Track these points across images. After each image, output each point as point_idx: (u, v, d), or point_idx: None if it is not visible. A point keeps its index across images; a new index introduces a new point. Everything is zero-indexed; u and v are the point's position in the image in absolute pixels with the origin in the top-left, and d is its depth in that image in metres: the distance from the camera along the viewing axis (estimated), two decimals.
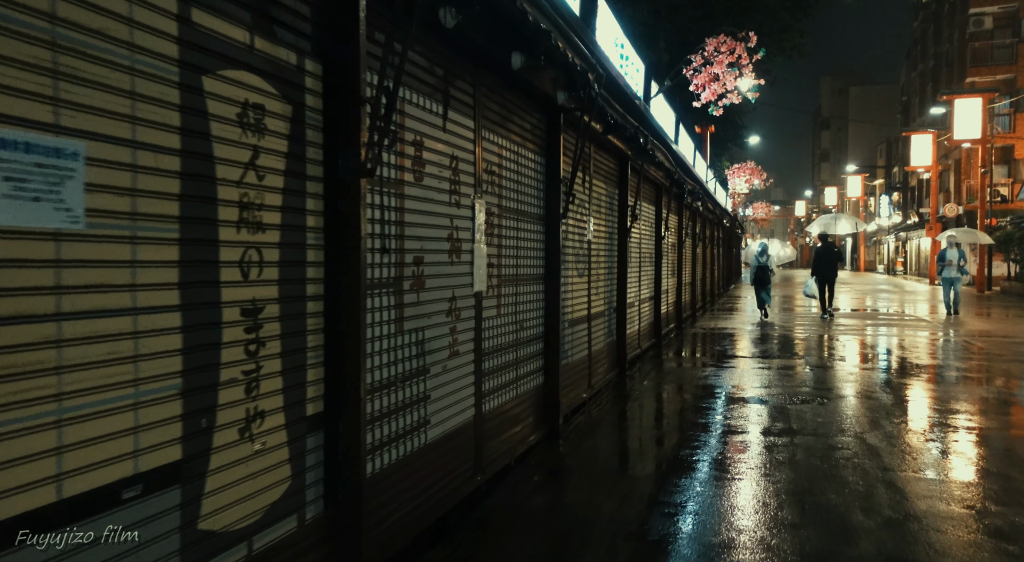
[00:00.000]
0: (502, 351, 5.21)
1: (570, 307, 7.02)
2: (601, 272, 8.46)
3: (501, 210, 5.19)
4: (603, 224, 8.52)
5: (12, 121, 1.75)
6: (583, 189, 7.47)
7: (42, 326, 1.83)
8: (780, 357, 10.73)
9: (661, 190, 12.34)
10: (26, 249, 1.79)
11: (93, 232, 1.96)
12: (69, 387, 1.90)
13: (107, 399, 2.01)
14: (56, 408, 1.87)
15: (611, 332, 9.01)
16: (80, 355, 1.93)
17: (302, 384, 2.92)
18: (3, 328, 1.75)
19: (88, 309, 1.96)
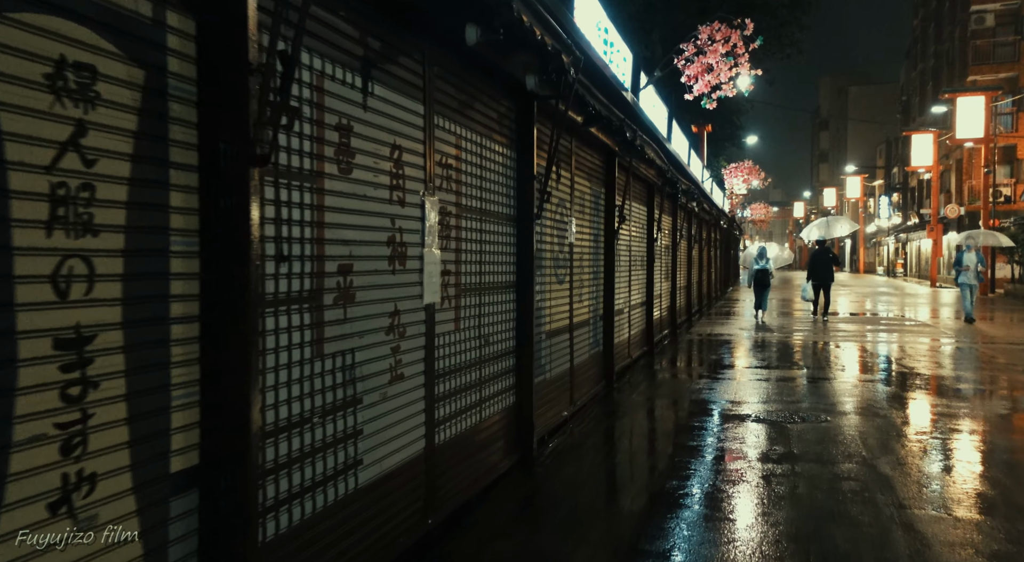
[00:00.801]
0: (462, 370, 4.55)
1: (548, 317, 6.36)
2: (585, 277, 7.81)
3: (461, 210, 4.54)
4: (587, 225, 7.87)
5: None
6: (563, 187, 6.81)
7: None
8: (779, 367, 10.08)
9: (653, 189, 11.69)
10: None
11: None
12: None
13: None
14: None
15: (597, 342, 8.36)
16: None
17: (164, 432, 2.26)
18: None
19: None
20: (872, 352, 11.99)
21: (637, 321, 10.89)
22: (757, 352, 11.73)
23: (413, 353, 3.86)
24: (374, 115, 3.47)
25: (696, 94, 9.00)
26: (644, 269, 11.48)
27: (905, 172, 50.97)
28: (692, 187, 14.80)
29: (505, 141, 5.32)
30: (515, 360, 5.57)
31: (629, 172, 8.97)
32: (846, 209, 72.45)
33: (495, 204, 5.13)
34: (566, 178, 6.91)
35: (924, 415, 7.20)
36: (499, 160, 5.22)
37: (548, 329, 6.39)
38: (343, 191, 3.21)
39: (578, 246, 7.45)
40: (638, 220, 10.89)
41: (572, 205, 7.17)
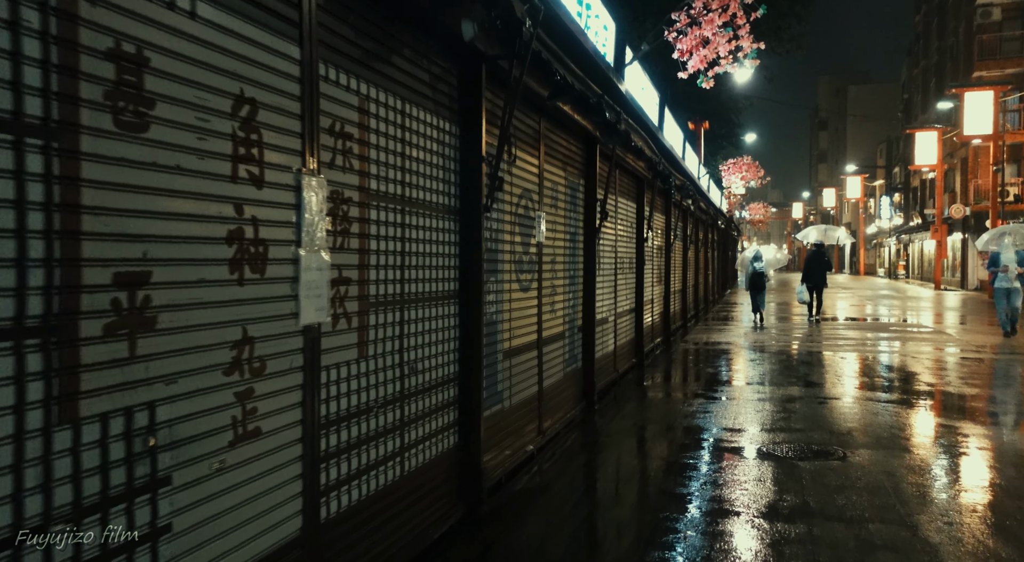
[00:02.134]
0: (371, 412, 3.40)
1: (507, 332, 5.22)
2: (559, 283, 6.67)
3: (370, 197, 3.39)
4: (562, 222, 6.73)
5: None
6: (528, 175, 5.67)
7: None
8: (783, 383, 8.94)
9: (643, 184, 10.55)
10: None
11: None
12: None
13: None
14: None
15: (574, 358, 7.21)
16: None
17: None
18: None
19: None
20: (886, 366, 10.86)
21: (624, 330, 9.74)
22: (758, 364, 10.58)
23: (279, 397, 2.72)
24: (201, 49, 2.33)
25: (691, 71, 7.85)
26: (633, 272, 10.34)
27: (907, 172, 49.92)
28: (687, 183, 13.67)
29: (443, 111, 4.18)
30: (458, 390, 4.42)
31: (613, 162, 7.84)
32: (846, 210, 71.37)
33: (427, 191, 3.99)
34: (532, 164, 5.77)
35: (965, 453, 6.06)
36: (433, 136, 4.08)
37: (507, 347, 5.25)
38: (127, 158, 2.06)
39: (549, 246, 6.32)
40: (626, 218, 9.75)
41: (542, 198, 6.03)
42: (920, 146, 35.53)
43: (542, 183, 6.03)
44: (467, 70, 4.37)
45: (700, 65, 7.73)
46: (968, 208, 33.49)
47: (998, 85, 28.29)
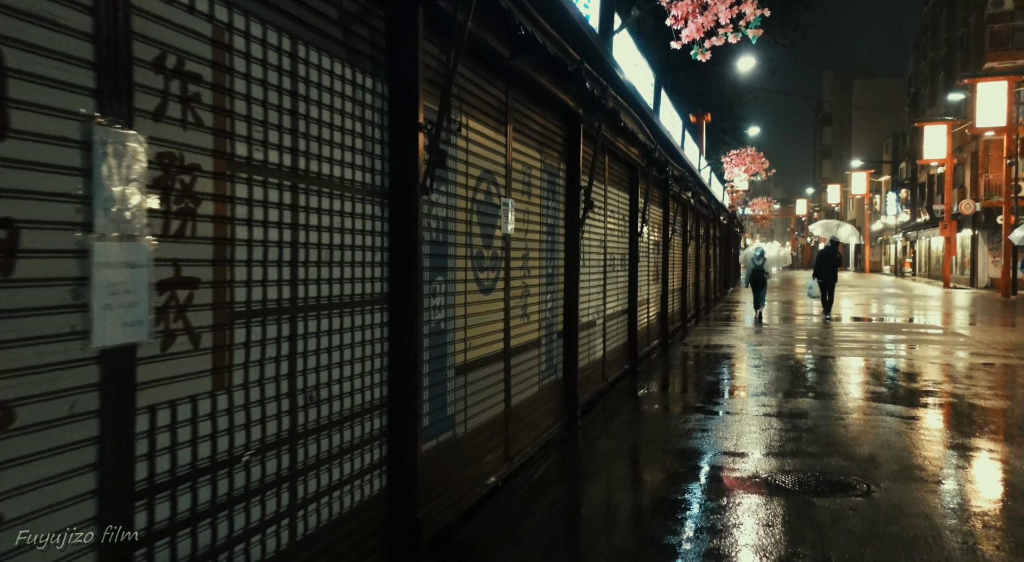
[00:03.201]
0: (233, 466, 2.48)
1: (461, 343, 4.29)
2: (534, 282, 5.74)
3: (236, 167, 2.47)
4: (537, 212, 5.81)
5: None
6: (490, 154, 4.74)
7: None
8: (791, 394, 8.00)
9: (637, 173, 9.62)
10: None
11: None
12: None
13: None
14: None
15: (553, 368, 6.29)
16: None
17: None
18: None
19: None
20: (904, 374, 9.92)
21: (615, 334, 8.82)
22: (763, 371, 9.65)
23: (48, 462, 1.80)
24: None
25: (685, 41, 6.91)
26: (625, 270, 9.41)
27: (913, 167, 48.90)
28: (686, 174, 12.73)
29: (361, 62, 3.24)
30: (387, 419, 3.50)
31: (600, 145, 6.91)
32: (851, 206, 70.32)
33: (336, 165, 3.06)
34: (496, 142, 4.84)
35: (1016, 485, 5.13)
36: (349, 93, 3.15)
37: (462, 361, 4.32)
38: None
39: (521, 240, 5.39)
40: (617, 210, 8.82)
41: (510, 182, 5.10)
42: (929, 140, 34.52)
43: (510, 165, 5.10)
44: (397, 10, 3.44)
45: (696, 34, 6.79)
46: (978, 204, 32.49)
47: (1012, 75, 27.27)
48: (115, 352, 1.96)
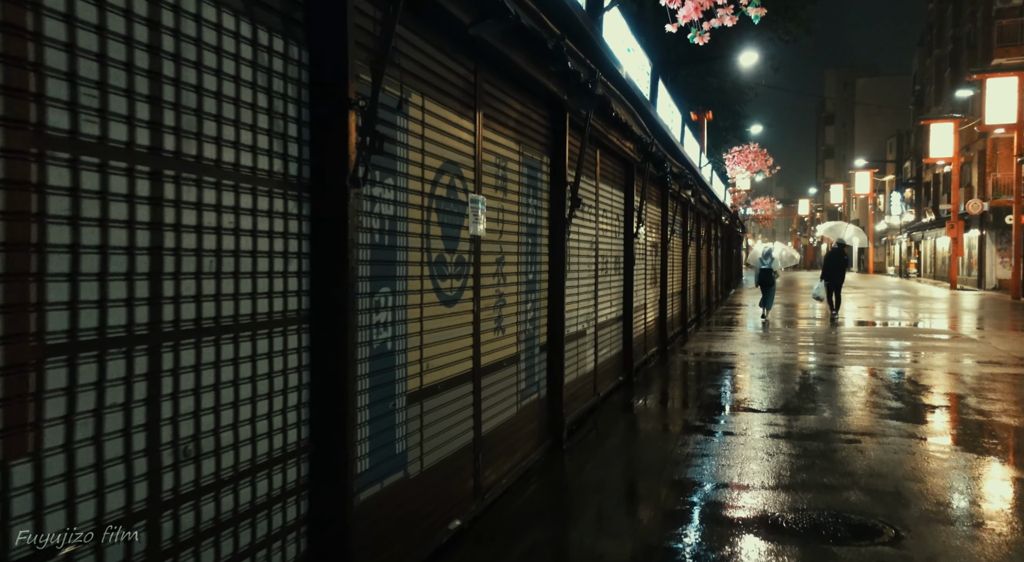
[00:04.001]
0: (52, 556, 1.78)
1: (414, 363, 3.60)
2: (511, 290, 5.06)
3: (48, 142, 1.78)
4: (515, 210, 5.12)
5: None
6: (457, 144, 4.05)
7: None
8: (800, 410, 7.31)
9: (632, 169, 8.93)
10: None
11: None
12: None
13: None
14: None
15: (535, 385, 5.60)
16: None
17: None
18: None
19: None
20: (924, 386, 9.22)
21: (608, 343, 8.13)
22: (768, 383, 8.95)
23: None
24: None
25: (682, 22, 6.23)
26: (620, 273, 8.72)
27: (918, 166, 48.19)
28: (685, 171, 12.04)
29: (262, 16, 2.55)
30: (309, 467, 2.81)
31: (588, 137, 6.23)
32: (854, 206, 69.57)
33: (223, 146, 2.37)
34: (461, 129, 4.15)
35: None
36: (243, 55, 2.46)
37: (416, 387, 3.63)
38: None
39: (494, 242, 4.71)
40: (610, 209, 8.14)
41: (479, 176, 4.42)
42: (935, 138, 33.80)
43: (480, 156, 4.41)
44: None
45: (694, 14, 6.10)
46: (986, 203, 31.76)
47: (1022, 71, 26.53)
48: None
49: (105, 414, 1.92)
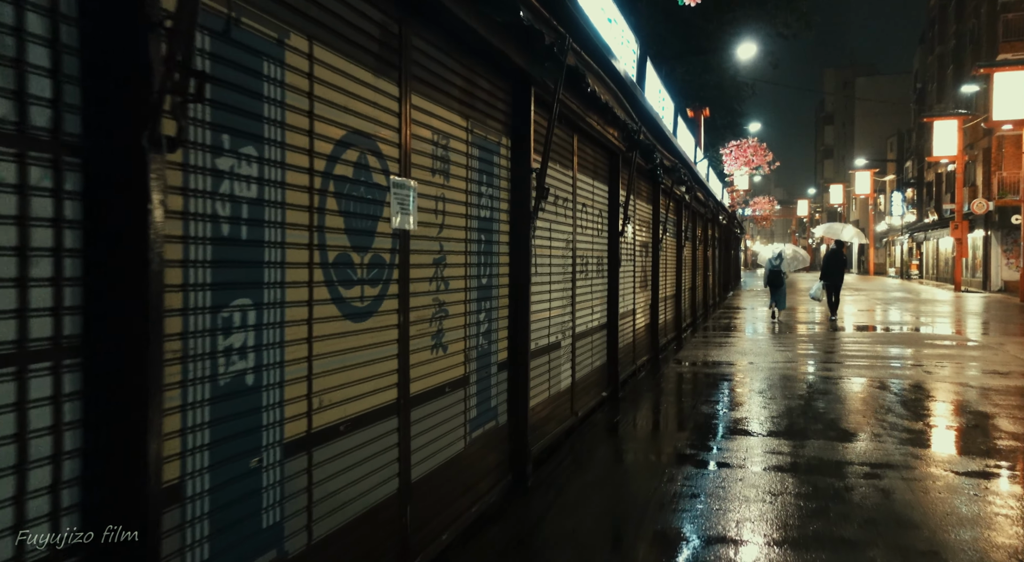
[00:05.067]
0: None
1: (295, 403, 2.66)
2: (456, 298, 4.13)
3: None
4: (462, 200, 4.19)
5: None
6: (367, 109, 3.11)
7: None
8: (807, 435, 6.38)
9: (617, 160, 8.00)
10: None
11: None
12: None
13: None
14: None
15: (490, 412, 4.65)
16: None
17: None
18: None
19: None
20: (946, 404, 8.29)
21: (589, 355, 7.19)
22: (769, 400, 8.01)
23: None
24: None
25: None
26: (603, 276, 7.79)
27: (920, 166, 47.33)
28: (678, 165, 11.11)
29: None
30: None
31: (558, 115, 5.30)
32: (854, 207, 68.70)
33: None
34: (380, 91, 3.22)
35: None
36: None
37: (301, 432, 2.69)
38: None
39: (430, 238, 3.77)
40: (592, 203, 7.20)
41: (406, 155, 3.48)
42: (939, 136, 32.88)
43: (407, 130, 3.48)
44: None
45: None
46: (991, 203, 30.87)
47: None
48: None
49: None
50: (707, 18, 24.34)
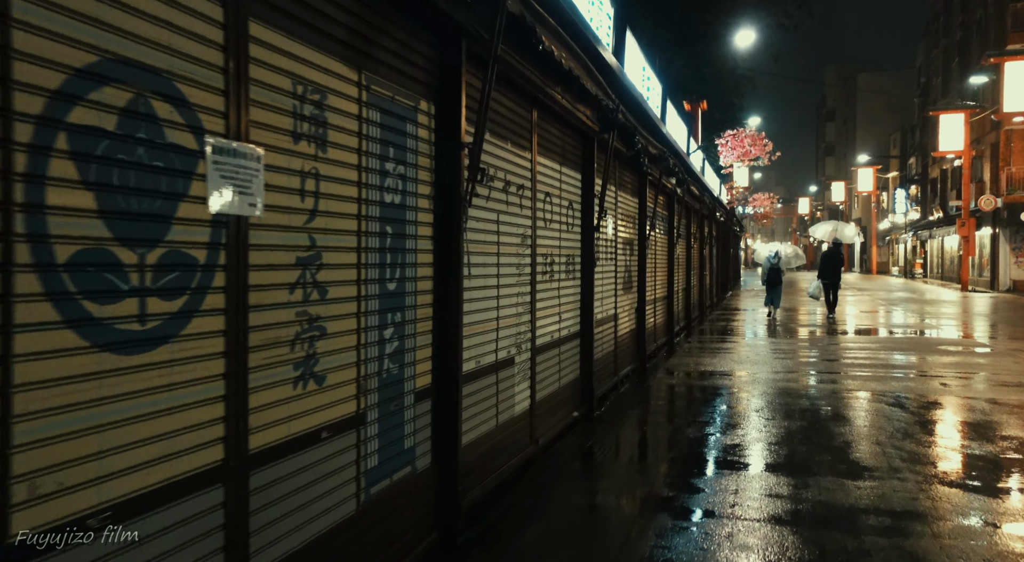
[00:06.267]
0: None
1: None
2: (342, 311, 3.06)
3: None
4: (352, 179, 3.11)
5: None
6: (176, 39, 2.03)
7: None
8: (814, 469, 5.31)
9: (591, 144, 6.92)
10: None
11: None
12: None
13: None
14: None
15: (398, 457, 3.58)
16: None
17: None
18: None
19: None
20: (971, 426, 7.21)
21: (555, 371, 6.12)
22: (768, 421, 6.93)
23: None
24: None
25: None
26: (575, 277, 6.72)
27: (924, 162, 46.22)
28: (667, 154, 10.02)
29: None
30: None
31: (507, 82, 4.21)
32: (856, 204, 67.56)
33: None
34: (191, 9, 2.13)
35: None
36: None
37: (24, 529, 1.61)
38: None
39: (292, 228, 2.70)
40: (557, 192, 6.13)
41: (242, 105, 2.41)
42: (944, 130, 31.77)
43: (241, 70, 2.41)
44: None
45: None
46: (1000, 199, 29.77)
47: None
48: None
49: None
50: (704, 7, 23.27)
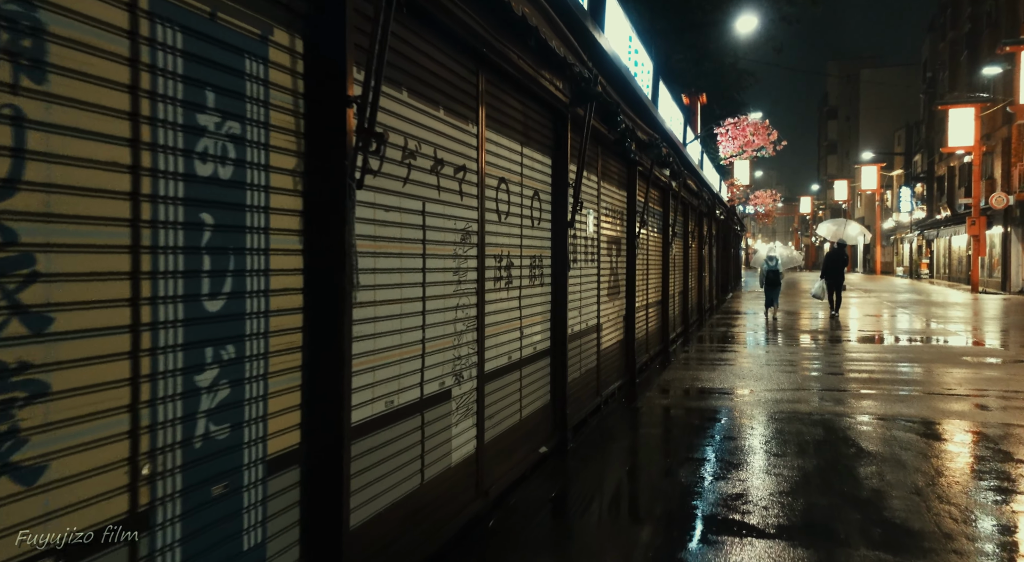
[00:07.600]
0: None
1: None
2: (69, 364, 1.85)
3: None
4: (128, 136, 1.91)
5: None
6: None
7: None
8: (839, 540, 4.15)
9: (564, 122, 5.74)
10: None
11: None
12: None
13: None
14: None
15: (248, 557, 2.39)
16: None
17: None
18: None
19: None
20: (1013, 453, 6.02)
21: (516, 399, 4.94)
22: (778, 460, 5.74)
23: None
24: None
25: None
26: (543, 283, 5.54)
27: (930, 159, 45.01)
28: (658, 140, 8.83)
29: None
30: None
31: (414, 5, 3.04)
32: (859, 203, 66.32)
33: None
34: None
35: None
36: None
37: None
38: None
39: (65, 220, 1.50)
40: (516, 179, 4.95)
41: None
42: (954, 125, 30.55)
43: None
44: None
45: None
46: (1012, 197, 28.56)
47: None
48: None
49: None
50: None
